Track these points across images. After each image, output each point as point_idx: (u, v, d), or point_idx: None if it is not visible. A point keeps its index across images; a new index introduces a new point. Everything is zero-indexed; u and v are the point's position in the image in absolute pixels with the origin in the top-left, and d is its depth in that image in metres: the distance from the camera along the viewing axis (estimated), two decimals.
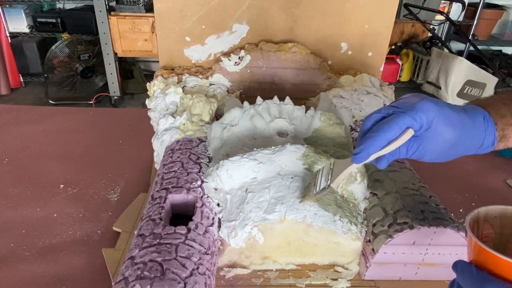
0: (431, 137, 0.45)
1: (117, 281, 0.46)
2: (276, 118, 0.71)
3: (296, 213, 0.55)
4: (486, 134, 0.47)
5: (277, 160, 0.60)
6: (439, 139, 0.45)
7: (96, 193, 0.80)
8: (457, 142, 0.46)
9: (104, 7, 2.55)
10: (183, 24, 0.89)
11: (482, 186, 0.85)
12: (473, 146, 0.47)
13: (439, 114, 0.45)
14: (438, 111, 0.44)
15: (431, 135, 0.45)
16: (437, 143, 0.46)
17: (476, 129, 0.46)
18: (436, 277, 0.59)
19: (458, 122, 0.45)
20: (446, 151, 0.46)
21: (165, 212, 0.55)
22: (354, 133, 0.75)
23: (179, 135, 0.73)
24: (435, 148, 0.46)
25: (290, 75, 0.89)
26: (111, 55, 2.72)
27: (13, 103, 2.84)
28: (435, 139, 0.45)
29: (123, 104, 2.96)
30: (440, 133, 0.45)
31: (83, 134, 1.04)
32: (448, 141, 0.45)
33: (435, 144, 0.46)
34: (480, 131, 0.47)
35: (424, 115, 0.44)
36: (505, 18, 3.35)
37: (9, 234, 0.69)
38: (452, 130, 0.45)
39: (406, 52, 3.35)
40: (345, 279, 0.58)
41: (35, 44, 2.97)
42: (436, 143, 0.45)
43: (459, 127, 0.45)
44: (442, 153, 0.46)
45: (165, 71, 0.91)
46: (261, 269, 0.60)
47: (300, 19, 0.90)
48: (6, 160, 0.91)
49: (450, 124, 0.45)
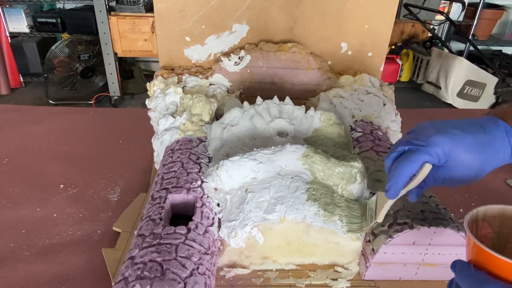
0: (454, 166, 0.46)
1: (117, 281, 0.46)
2: (276, 118, 0.71)
3: (296, 213, 0.55)
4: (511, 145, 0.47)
5: (277, 160, 0.60)
6: (463, 167, 0.46)
7: (96, 193, 0.80)
8: (482, 164, 0.46)
9: (104, 7, 2.55)
10: (183, 24, 0.89)
11: (482, 186, 0.85)
12: (500, 161, 0.47)
13: (456, 145, 0.45)
14: (453, 143, 0.45)
15: (453, 164, 0.46)
16: (462, 170, 0.46)
17: (499, 144, 0.46)
18: (436, 277, 0.59)
19: (478, 146, 0.45)
20: (474, 174, 0.46)
21: (165, 212, 0.55)
22: (354, 133, 0.75)
23: (179, 135, 0.73)
24: (462, 174, 0.46)
25: (290, 75, 0.89)
26: (111, 55, 2.72)
27: (13, 103, 2.84)
28: (459, 168, 0.46)
29: (123, 104, 2.96)
30: (462, 162, 0.46)
31: (83, 134, 1.04)
32: (473, 166, 0.46)
33: (460, 171, 0.46)
34: (504, 147, 0.46)
35: (439, 149, 0.45)
36: (505, 18, 3.35)
37: (9, 234, 0.69)
38: (473, 157, 0.45)
39: (406, 52, 3.35)
40: (345, 279, 0.58)
41: (35, 44, 2.97)
42: (461, 170, 0.46)
43: (480, 151, 0.45)
44: (471, 177, 0.47)
45: (165, 71, 0.91)
46: (261, 269, 0.60)
47: (300, 19, 0.90)
48: (6, 160, 0.91)
49: (470, 151, 0.45)
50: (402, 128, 0.84)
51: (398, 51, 3.33)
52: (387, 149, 0.69)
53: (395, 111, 0.83)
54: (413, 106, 3.09)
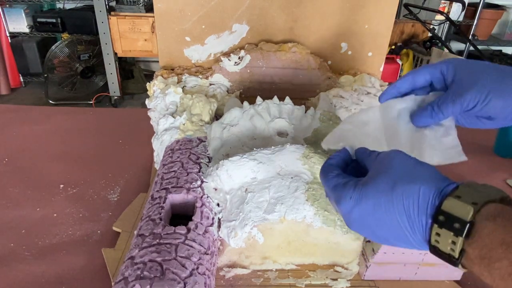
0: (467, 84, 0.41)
1: (117, 281, 0.46)
2: (276, 118, 0.71)
3: (296, 213, 0.55)
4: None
5: (277, 160, 0.60)
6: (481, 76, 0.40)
7: (96, 193, 0.80)
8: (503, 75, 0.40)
9: (104, 7, 2.55)
10: (183, 24, 0.89)
11: None
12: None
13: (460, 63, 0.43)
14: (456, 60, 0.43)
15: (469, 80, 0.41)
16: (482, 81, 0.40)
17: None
18: (436, 277, 0.59)
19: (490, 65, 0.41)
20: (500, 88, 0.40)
21: (165, 212, 0.55)
22: None
23: (179, 135, 0.73)
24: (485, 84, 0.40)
25: (290, 75, 0.89)
26: (111, 55, 2.72)
27: (13, 103, 2.84)
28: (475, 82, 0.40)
29: (123, 104, 2.96)
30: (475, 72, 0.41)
31: (83, 134, 1.04)
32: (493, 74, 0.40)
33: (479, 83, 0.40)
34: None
35: (444, 65, 0.43)
36: (505, 18, 3.35)
37: (9, 234, 0.68)
38: (486, 67, 0.41)
39: (406, 52, 3.35)
40: (345, 279, 0.58)
41: (35, 44, 2.97)
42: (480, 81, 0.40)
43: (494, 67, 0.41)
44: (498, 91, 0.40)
45: (165, 71, 0.91)
46: (261, 269, 0.60)
47: (300, 19, 0.90)
48: (6, 160, 0.91)
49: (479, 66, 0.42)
50: None
51: (398, 51, 3.33)
52: None
53: None
54: None
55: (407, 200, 0.32)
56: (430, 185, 0.32)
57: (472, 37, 3.23)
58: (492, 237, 0.28)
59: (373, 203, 0.34)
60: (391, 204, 0.33)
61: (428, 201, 0.32)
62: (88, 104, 2.89)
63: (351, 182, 0.37)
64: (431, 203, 0.32)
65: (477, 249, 0.29)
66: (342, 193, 0.37)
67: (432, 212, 0.31)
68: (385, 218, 0.34)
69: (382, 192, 0.34)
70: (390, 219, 0.33)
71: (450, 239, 0.30)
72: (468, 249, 0.30)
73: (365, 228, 0.36)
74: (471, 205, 0.30)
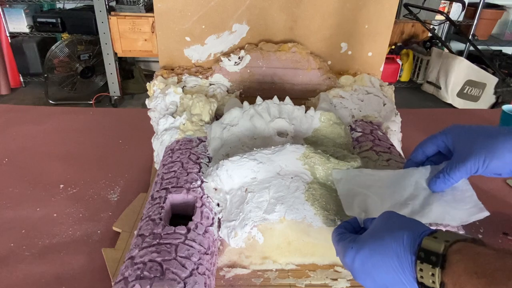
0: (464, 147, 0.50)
1: (117, 281, 0.46)
2: (276, 118, 0.71)
3: (296, 213, 0.55)
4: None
5: (277, 160, 0.60)
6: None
7: (96, 193, 0.80)
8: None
9: (104, 7, 2.55)
10: (183, 24, 0.89)
11: (482, 186, 0.85)
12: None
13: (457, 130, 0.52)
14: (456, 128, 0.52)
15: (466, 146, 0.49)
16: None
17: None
18: None
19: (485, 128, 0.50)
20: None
21: (165, 212, 0.55)
22: (354, 133, 0.75)
23: (179, 135, 0.73)
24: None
25: (290, 75, 0.89)
26: (111, 55, 2.72)
27: (13, 103, 2.84)
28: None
29: (123, 104, 2.96)
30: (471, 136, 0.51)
31: (83, 134, 1.04)
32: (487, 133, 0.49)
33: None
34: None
35: (444, 136, 0.52)
36: (505, 18, 3.35)
37: (9, 234, 0.69)
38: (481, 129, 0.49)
39: (406, 52, 3.35)
40: (345, 279, 0.58)
41: (35, 44, 2.97)
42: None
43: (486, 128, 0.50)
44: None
45: (165, 71, 0.91)
46: (261, 269, 0.60)
47: (300, 19, 0.90)
48: (6, 160, 0.91)
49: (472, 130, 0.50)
50: (402, 128, 0.84)
51: (398, 51, 3.33)
52: (387, 149, 0.69)
53: (395, 111, 0.83)
54: (413, 106, 3.09)
55: (395, 243, 0.39)
56: (414, 230, 0.39)
57: (472, 37, 3.23)
58: (459, 266, 0.34)
59: (369, 248, 0.41)
60: (383, 248, 0.40)
61: (411, 242, 0.38)
62: (88, 104, 2.89)
63: (353, 236, 0.45)
64: (414, 243, 0.38)
65: (451, 278, 0.34)
66: (345, 244, 0.44)
67: (415, 250, 0.37)
68: (380, 261, 0.40)
69: (377, 239, 0.41)
70: (384, 262, 0.39)
71: (430, 271, 0.35)
72: (445, 280, 0.35)
73: (367, 277, 0.41)
74: (444, 242, 0.36)
